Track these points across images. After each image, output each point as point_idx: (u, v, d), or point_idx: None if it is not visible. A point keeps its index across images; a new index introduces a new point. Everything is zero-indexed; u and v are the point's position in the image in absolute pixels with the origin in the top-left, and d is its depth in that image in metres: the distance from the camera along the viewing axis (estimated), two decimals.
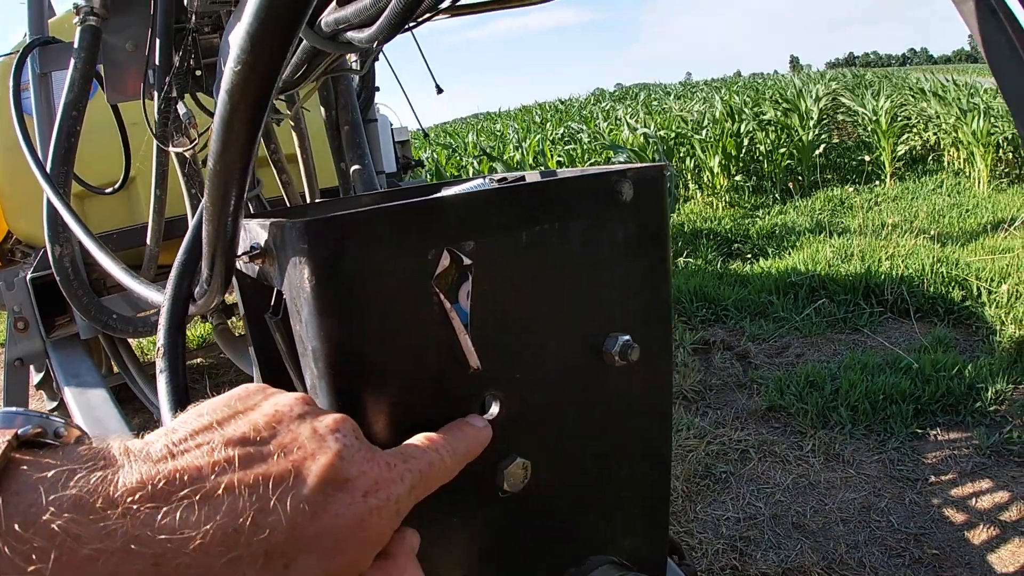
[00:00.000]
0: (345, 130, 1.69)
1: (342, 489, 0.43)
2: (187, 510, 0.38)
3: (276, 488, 0.40)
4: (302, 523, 0.40)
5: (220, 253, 0.54)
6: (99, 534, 0.35)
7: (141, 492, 0.37)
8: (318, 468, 0.42)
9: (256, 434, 0.44)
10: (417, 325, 0.53)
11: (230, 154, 0.45)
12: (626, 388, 0.67)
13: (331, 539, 0.41)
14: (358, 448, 0.46)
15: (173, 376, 0.68)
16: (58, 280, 2.05)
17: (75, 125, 1.78)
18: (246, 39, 0.38)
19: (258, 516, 0.39)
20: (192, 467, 0.40)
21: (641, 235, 0.64)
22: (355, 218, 0.48)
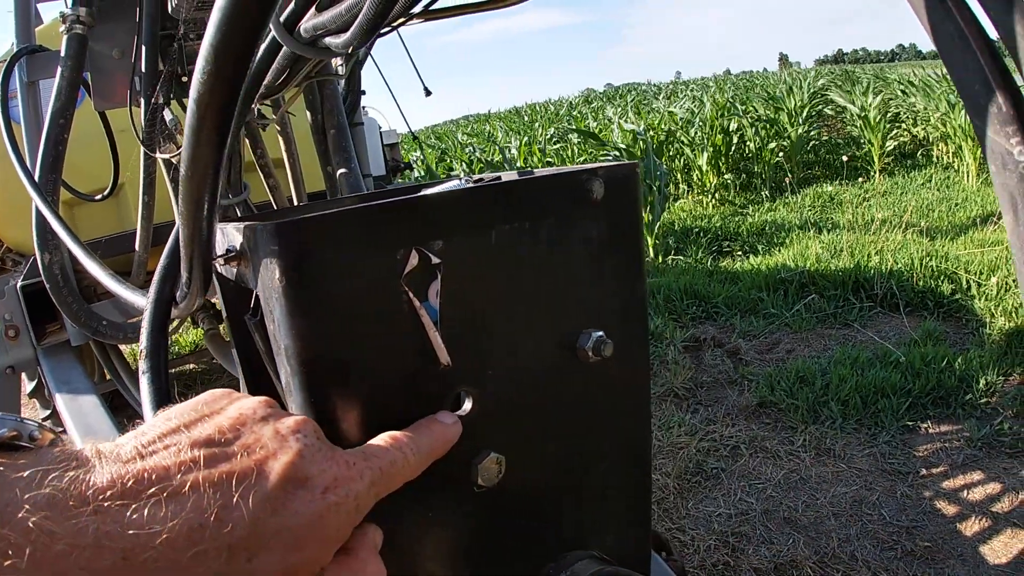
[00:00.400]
0: (331, 134, 1.69)
1: (302, 487, 0.45)
2: (155, 507, 0.39)
3: (239, 485, 0.42)
4: (263, 518, 0.42)
5: (197, 256, 0.55)
6: (71, 530, 0.37)
7: (111, 491, 0.39)
8: (279, 466, 0.44)
9: (221, 435, 0.45)
10: (388, 323, 0.54)
11: (200, 161, 0.46)
12: (603, 384, 0.68)
13: (291, 535, 0.43)
14: (318, 447, 0.47)
15: (155, 378, 0.69)
16: (48, 287, 2.05)
17: (63, 133, 1.79)
18: (209, 50, 0.39)
19: (222, 512, 0.41)
20: (159, 467, 0.42)
21: (614, 233, 0.65)
22: (324, 220, 0.49)
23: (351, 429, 0.54)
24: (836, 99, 11.79)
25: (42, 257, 1.97)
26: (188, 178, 0.48)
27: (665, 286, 5.24)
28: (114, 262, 2.73)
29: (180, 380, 4.88)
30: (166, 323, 0.74)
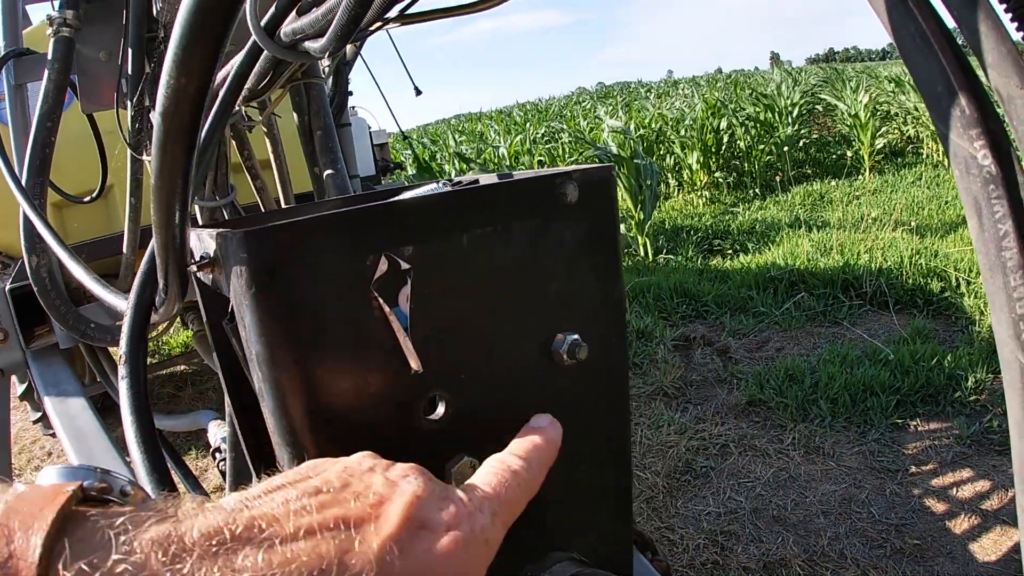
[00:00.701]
0: (318, 135, 1.69)
1: (424, 527, 0.42)
2: (268, 552, 0.37)
3: (358, 530, 0.40)
4: (390, 561, 0.39)
5: (172, 263, 0.55)
6: (175, 574, 0.35)
7: (218, 537, 0.37)
8: (397, 509, 0.42)
9: (328, 486, 0.44)
10: (359, 329, 0.54)
11: (169, 171, 0.46)
12: (580, 386, 0.68)
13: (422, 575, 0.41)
14: (432, 488, 0.45)
15: (134, 382, 0.69)
16: (35, 290, 2.05)
17: (50, 136, 1.79)
18: (172, 64, 0.39)
19: (343, 556, 0.38)
20: (269, 515, 0.40)
21: (590, 235, 0.65)
22: (292, 227, 0.49)
23: (323, 436, 0.54)
24: (826, 98, 11.82)
25: (30, 260, 1.97)
26: (158, 188, 0.48)
27: (655, 285, 5.25)
28: (103, 264, 2.73)
29: (171, 381, 4.86)
30: (145, 328, 0.74)
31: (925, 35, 0.36)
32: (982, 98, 0.34)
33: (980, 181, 0.33)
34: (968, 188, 0.34)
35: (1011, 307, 0.33)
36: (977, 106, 0.34)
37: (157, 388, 4.74)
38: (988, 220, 0.33)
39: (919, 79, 0.36)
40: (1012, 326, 0.33)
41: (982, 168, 0.33)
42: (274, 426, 0.55)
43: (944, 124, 0.34)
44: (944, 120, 0.34)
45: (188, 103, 0.41)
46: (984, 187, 0.33)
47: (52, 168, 1.86)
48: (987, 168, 0.33)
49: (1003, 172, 0.32)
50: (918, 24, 0.36)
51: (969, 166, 0.33)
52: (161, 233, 0.52)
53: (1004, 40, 0.33)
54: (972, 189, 0.33)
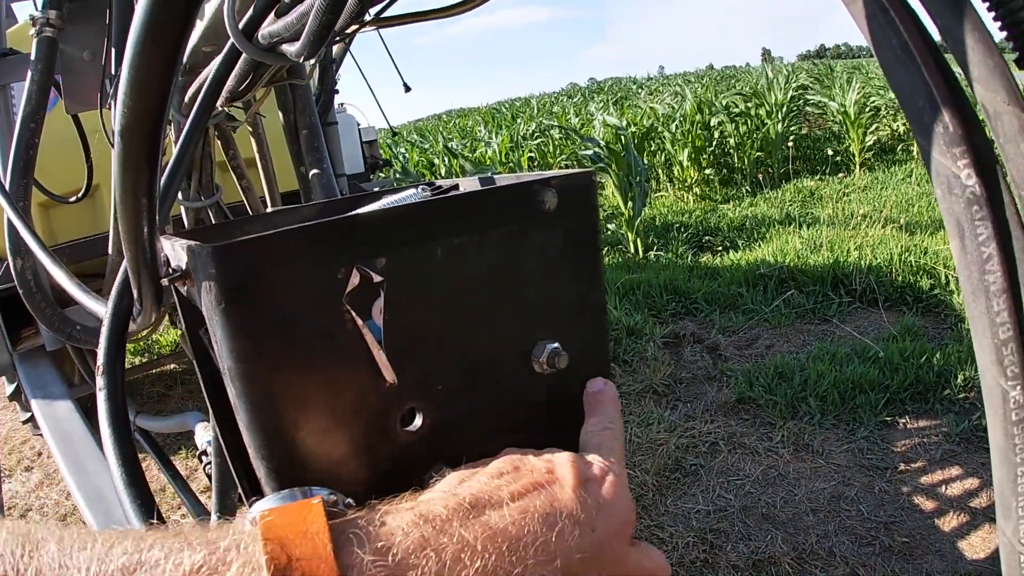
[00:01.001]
0: (303, 134, 1.68)
1: (591, 479, 0.53)
2: (506, 509, 0.47)
3: (550, 489, 0.50)
4: (585, 500, 0.51)
5: (144, 275, 0.54)
6: (451, 539, 0.44)
7: (462, 509, 0.46)
8: (566, 472, 0.53)
9: (504, 470, 0.53)
10: (332, 343, 0.53)
11: (132, 189, 0.45)
12: (561, 395, 0.67)
13: (610, 506, 0.52)
14: (576, 456, 0.56)
15: (112, 394, 0.68)
16: (21, 292, 2.03)
17: (33, 137, 1.77)
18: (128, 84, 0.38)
19: (555, 504, 0.49)
20: (482, 490, 0.49)
21: (570, 242, 0.64)
22: (261, 241, 0.48)
23: (299, 449, 0.53)
24: (814, 97, 11.83)
25: (14, 262, 1.95)
26: (122, 206, 0.47)
27: (645, 282, 5.25)
28: (91, 265, 2.71)
29: (160, 380, 4.84)
30: (123, 338, 0.73)
31: (907, 46, 0.34)
32: (967, 114, 0.33)
33: (963, 202, 0.32)
34: (951, 209, 0.33)
35: (994, 332, 0.32)
36: (961, 122, 0.33)
37: (147, 387, 4.72)
38: (971, 242, 0.32)
39: (900, 93, 0.35)
40: (995, 351, 0.32)
41: (965, 188, 0.32)
42: (250, 439, 0.54)
43: (927, 140, 0.33)
44: (926, 136, 0.33)
45: (148, 122, 0.40)
46: (967, 208, 0.32)
47: (38, 168, 1.84)
48: (971, 188, 0.32)
49: (987, 192, 0.32)
50: (899, 35, 0.34)
51: (952, 186, 0.33)
52: (131, 247, 0.51)
53: (991, 53, 0.32)
54: (955, 210, 0.32)
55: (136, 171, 0.44)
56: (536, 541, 0.46)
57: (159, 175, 0.46)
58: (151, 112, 0.40)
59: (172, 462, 2.49)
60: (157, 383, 4.78)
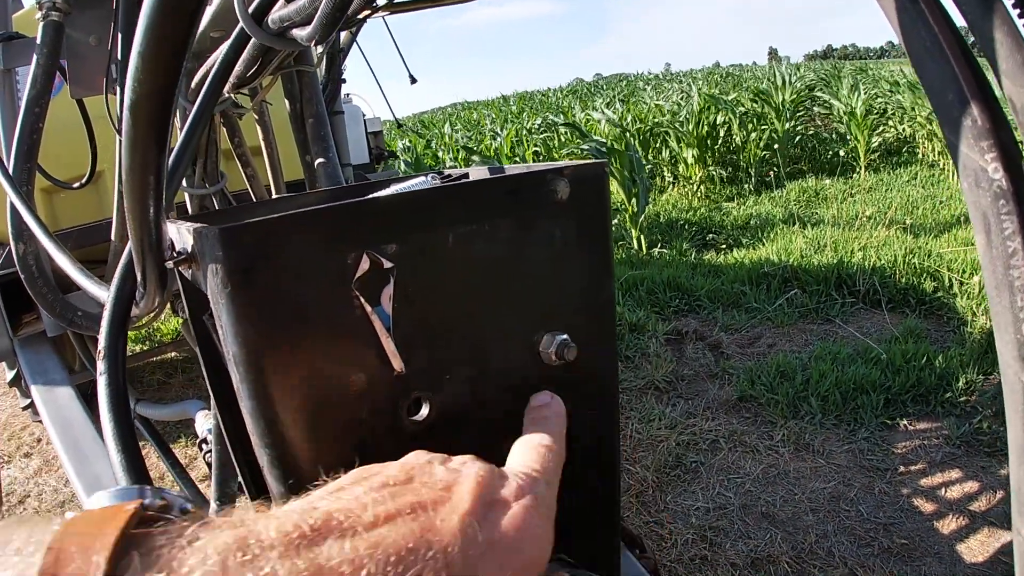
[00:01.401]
0: (309, 123, 1.67)
1: (494, 502, 0.45)
2: (353, 539, 0.38)
3: (435, 511, 0.42)
4: (472, 534, 0.41)
5: (149, 258, 0.53)
6: (256, 571, 0.35)
7: (298, 532, 0.37)
8: (467, 489, 0.45)
9: (394, 480, 0.45)
10: (339, 329, 0.52)
11: (140, 168, 0.44)
12: (569, 387, 0.67)
13: (505, 542, 0.43)
14: (490, 469, 0.48)
15: (113, 379, 0.67)
16: (22, 277, 2.03)
17: (38, 122, 1.77)
18: (138, 59, 0.38)
19: (426, 534, 0.40)
20: (344, 508, 0.40)
21: (581, 233, 0.63)
22: (270, 224, 0.48)
23: (303, 437, 0.53)
24: (822, 95, 11.80)
25: (16, 247, 1.95)
26: (130, 185, 0.46)
27: (648, 278, 5.24)
28: (93, 250, 2.71)
29: (161, 368, 4.84)
30: (125, 322, 0.72)
31: (937, 40, 0.34)
32: (995, 108, 0.33)
33: (990, 196, 0.31)
34: (977, 202, 0.32)
35: (1017, 328, 0.31)
36: (989, 116, 0.32)
37: (147, 375, 4.72)
38: (997, 237, 0.31)
39: (929, 86, 0.34)
40: (1018, 347, 0.31)
41: (992, 182, 0.31)
42: (252, 427, 0.53)
43: (954, 134, 0.33)
44: (954, 130, 0.33)
45: (157, 97, 0.40)
46: (994, 202, 0.31)
47: (42, 153, 1.84)
48: (998, 182, 0.31)
49: (1014, 187, 0.31)
50: (929, 28, 0.34)
51: (979, 179, 0.32)
52: (136, 229, 0.50)
53: (1020, 48, 0.31)
54: (981, 204, 0.32)
55: (144, 149, 0.43)
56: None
57: (167, 155, 0.45)
58: (161, 88, 0.39)
59: (172, 450, 2.49)
60: (158, 371, 4.77)
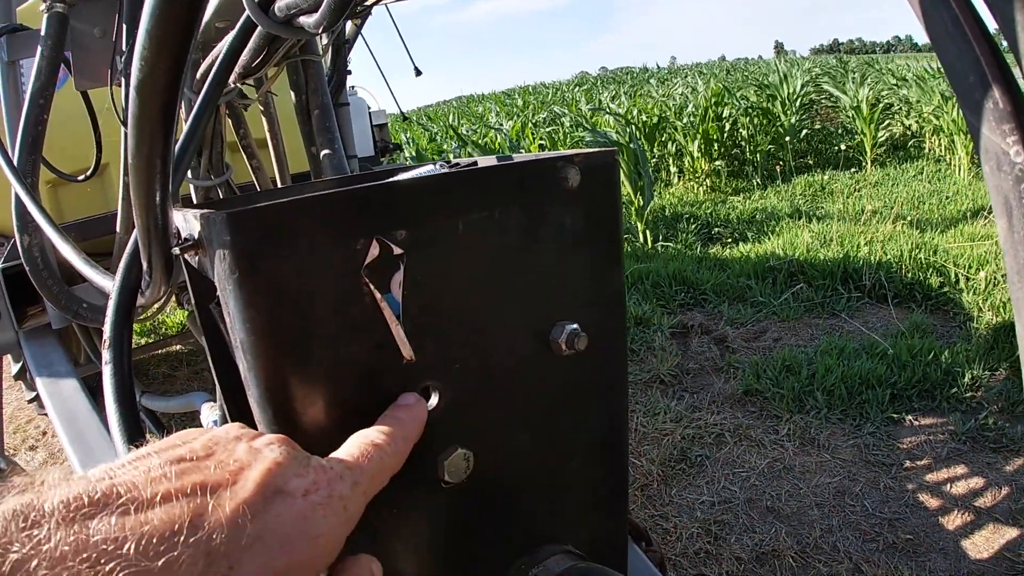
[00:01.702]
0: (315, 114, 1.67)
1: (280, 492, 0.43)
2: (122, 516, 0.38)
3: (213, 494, 0.41)
4: (243, 524, 0.40)
5: (155, 245, 0.53)
6: (31, 539, 0.35)
7: (76, 503, 0.37)
8: (255, 475, 0.43)
9: (193, 454, 0.44)
10: (348, 317, 0.52)
11: (147, 150, 0.43)
12: (578, 377, 0.66)
13: (275, 537, 0.41)
14: (293, 456, 0.46)
15: (118, 368, 0.67)
16: (27, 269, 2.03)
17: (42, 113, 1.77)
18: (145, 36, 0.37)
19: (196, 519, 0.39)
20: (128, 482, 0.40)
21: (591, 221, 0.63)
22: (278, 209, 0.47)
23: (311, 426, 0.52)
24: (829, 89, 11.75)
25: (21, 239, 1.95)
26: (136, 168, 0.45)
27: (654, 272, 5.23)
28: (99, 243, 2.71)
29: (167, 361, 4.85)
30: (131, 312, 0.72)
31: (958, 21, 0.33)
32: (1016, 91, 0.32)
33: (1012, 179, 0.31)
34: (999, 186, 0.31)
35: None
36: (1011, 100, 0.31)
37: (152, 368, 4.73)
38: (1019, 221, 0.31)
39: (950, 69, 0.33)
40: None
41: (1014, 165, 0.31)
42: (260, 415, 0.53)
43: (975, 117, 0.32)
44: (975, 113, 0.32)
45: (163, 76, 0.39)
46: (1016, 185, 0.30)
47: (47, 146, 1.83)
48: (1020, 165, 0.30)
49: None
50: (950, 9, 0.33)
51: (1001, 163, 0.31)
52: (142, 214, 0.50)
53: None
54: (1003, 187, 0.31)
55: (151, 131, 0.42)
56: (132, 570, 0.36)
57: (174, 137, 0.45)
58: (169, 65, 0.39)
59: None
60: (163, 364, 4.78)
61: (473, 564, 0.67)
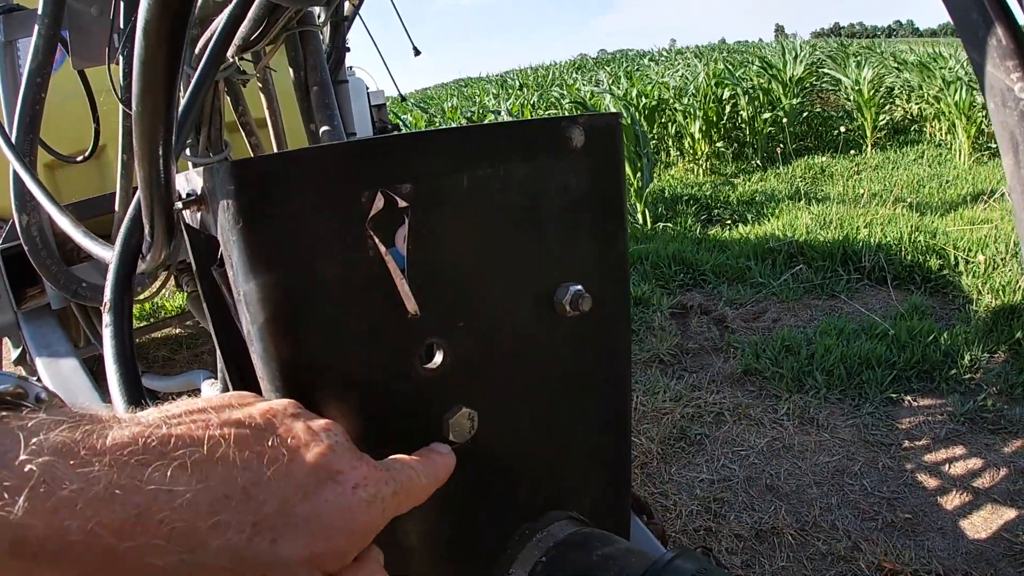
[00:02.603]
0: (314, 91, 1.66)
1: (333, 479, 0.44)
2: (179, 469, 0.37)
3: (271, 466, 0.41)
4: (294, 502, 0.41)
5: (157, 201, 0.53)
6: (80, 478, 0.34)
7: (132, 447, 0.37)
8: (312, 456, 0.44)
9: (251, 421, 0.44)
10: (352, 269, 0.51)
11: (152, 95, 0.43)
12: (581, 340, 0.66)
13: (320, 523, 0.42)
14: (348, 447, 0.47)
15: (118, 330, 0.66)
16: (26, 249, 2.02)
17: (39, 92, 1.76)
18: None
19: (251, 488, 0.39)
20: (187, 435, 0.40)
21: (595, 183, 0.63)
22: (284, 158, 0.47)
23: (314, 381, 0.52)
24: (831, 72, 11.70)
25: (20, 219, 1.95)
26: (140, 115, 0.45)
27: (653, 252, 5.23)
28: (97, 223, 2.70)
29: (166, 345, 4.85)
30: (131, 276, 0.72)
31: None
32: (1018, 29, 0.32)
33: (1017, 115, 0.31)
34: (1004, 122, 0.31)
35: None
36: (1013, 36, 0.31)
37: (152, 351, 4.73)
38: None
39: (953, 7, 0.33)
40: None
41: (1019, 101, 0.31)
42: (263, 371, 0.53)
43: (979, 54, 0.32)
44: (979, 50, 0.32)
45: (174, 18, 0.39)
46: (1021, 121, 0.30)
47: (45, 128, 1.83)
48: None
49: None
50: None
51: (1005, 99, 0.31)
52: (144, 166, 0.49)
53: None
54: (1008, 123, 0.31)
55: (157, 74, 0.42)
56: (180, 524, 0.36)
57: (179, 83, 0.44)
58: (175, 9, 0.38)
59: None
60: (163, 347, 4.79)
61: (477, 527, 0.67)
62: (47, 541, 0.33)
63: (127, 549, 0.35)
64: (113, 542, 0.35)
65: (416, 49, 3.42)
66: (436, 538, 0.65)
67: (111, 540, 0.34)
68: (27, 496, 0.33)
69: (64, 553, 0.34)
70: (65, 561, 0.34)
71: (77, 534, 0.34)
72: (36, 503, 0.33)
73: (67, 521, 0.33)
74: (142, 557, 0.35)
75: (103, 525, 0.34)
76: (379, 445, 0.52)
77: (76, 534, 0.34)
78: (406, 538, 0.62)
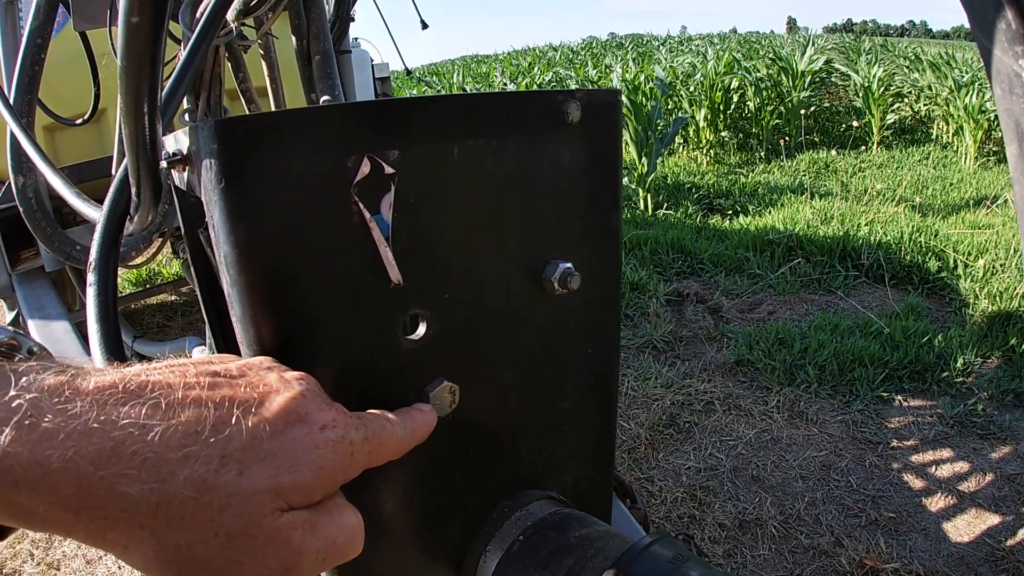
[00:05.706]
0: (316, 60, 1.64)
1: (301, 421, 0.46)
2: (153, 408, 0.41)
3: (240, 407, 0.44)
4: (262, 438, 0.43)
5: (143, 159, 0.51)
6: (63, 413, 0.38)
7: (111, 390, 0.41)
8: (281, 400, 0.46)
9: (227, 372, 0.47)
10: (335, 234, 0.50)
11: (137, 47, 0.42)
12: (569, 318, 0.66)
13: (286, 456, 0.44)
14: (319, 395, 0.49)
15: (102, 289, 0.66)
16: (21, 211, 2.02)
17: (39, 53, 1.74)
18: None
19: (220, 425, 0.42)
20: (163, 382, 0.43)
21: (590, 159, 0.62)
22: (269, 118, 0.46)
23: (292, 347, 0.51)
24: (840, 67, 11.63)
25: (16, 180, 1.94)
26: (125, 69, 0.44)
27: (652, 239, 5.22)
28: (95, 186, 2.69)
29: (161, 311, 4.84)
30: (118, 236, 0.71)
31: None
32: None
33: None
34: (1010, 109, 0.30)
35: None
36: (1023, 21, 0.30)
37: (147, 318, 4.73)
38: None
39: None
40: None
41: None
42: (242, 334, 0.52)
43: (987, 38, 0.31)
44: (987, 34, 0.31)
45: None
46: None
47: (45, 91, 1.81)
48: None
49: None
50: None
51: (1012, 85, 0.30)
52: (129, 123, 0.48)
53: None
54: (1014, 111, 0.30)
55: (142, 27, 0.40)
56: (152, 456, 0.39)
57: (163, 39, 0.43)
58: None
59: None
60: (157, 314, 4.78)
61: (455, 502, 0.67)
62: (29, 469, 0.36)
63: (102, 477, 0.38)
64: (90, 470, 0.37)
65: (424, 22, 3.40)
66: (414, 510, 0.64)
67: (88, 468, 0.37)
68: (13, 426, 0.36)
69: (43, 480, 0.37)
70: (44, 487, 0.37)
71: (58, 462, 0.37)
72: (21, 433, 0.36)
73: (49, 451, 0.37)
74: (116, 485, 0.38)
75: (81, 455, 0.37)
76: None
77: (56, 462, 0.37)
78: (383, 508, 0.62)
